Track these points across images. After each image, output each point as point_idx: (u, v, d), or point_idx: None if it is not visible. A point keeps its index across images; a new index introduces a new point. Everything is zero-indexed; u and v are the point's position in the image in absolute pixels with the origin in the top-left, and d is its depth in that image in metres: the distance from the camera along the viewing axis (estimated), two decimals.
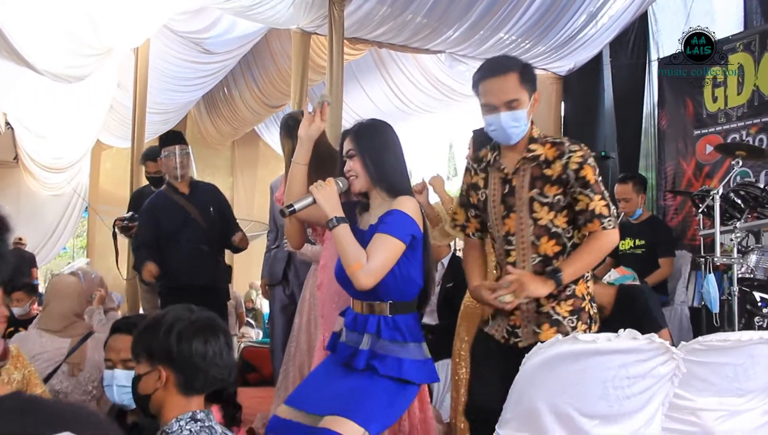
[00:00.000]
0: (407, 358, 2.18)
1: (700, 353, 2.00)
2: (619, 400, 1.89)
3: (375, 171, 2.29)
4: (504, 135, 2.29)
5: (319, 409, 2.15)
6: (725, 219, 4.14)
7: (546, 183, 2.29)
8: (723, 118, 5.87)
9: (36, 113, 7.40)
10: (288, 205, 2.30)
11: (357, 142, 2.31)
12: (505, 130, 2.26)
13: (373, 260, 2.13)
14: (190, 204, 4.05)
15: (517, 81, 2.24)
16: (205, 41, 7.11)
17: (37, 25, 5.09)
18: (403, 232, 2.17)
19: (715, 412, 2.06)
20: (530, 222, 2.30)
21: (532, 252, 2.33)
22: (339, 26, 5.78)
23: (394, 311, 2.23)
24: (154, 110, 7.57)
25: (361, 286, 2.15)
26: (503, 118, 2.24)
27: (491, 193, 2.40)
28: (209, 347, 1.74)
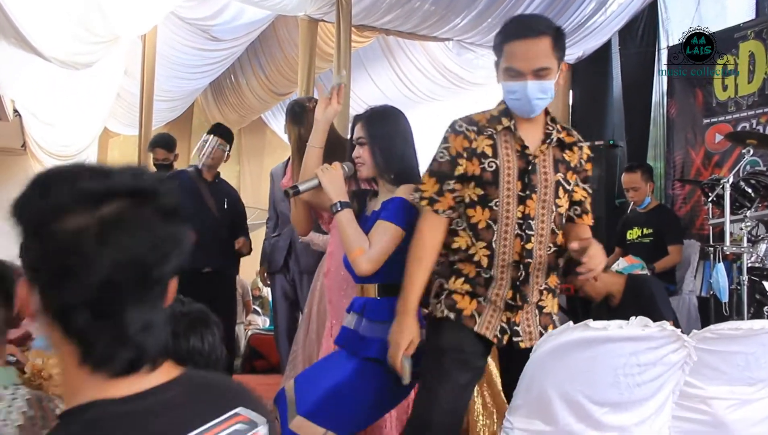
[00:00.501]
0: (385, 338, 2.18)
1: (711, 342, 1.99)
2: (629, 387, 1.89)
3: (382, 159, 2.30)
4: (527, 106, 2.02)
5: (299, 404, 2.18)
6: (735, 208, 4.12)
7: (568, 169, 2.12)
8: (733, 106, 5.83)
9: (43, 101, 7.40)
10: (293, 186, 2.32)
11: (367, 129, 2.32)
12: (530, 101, 1.99)
13: (374, 247, 2.17)
14: (209, 191, 4.14)
15: (549, 46, 1.97)
16: (212, 28, 7.08)
17: (45, 11, 5.08)
18: (404, 220, 2.19)
19: (726, 401, 2.06)
20: (553, 208, 2.08)
21: (550, 241, 2.10)
22: (346, 13, 5.76)
23: (383, 292, 2.24)
24: (161, 98, 7.56)
25: (361, 272, 2.19)
26: (530, 88, 1.97)
27: (504, 164, 2.04)
28: (205, 343, 1.71)
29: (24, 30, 5.00)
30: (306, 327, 3.60)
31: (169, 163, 4.67)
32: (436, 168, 2.09)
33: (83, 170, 0.88)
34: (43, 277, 0.85)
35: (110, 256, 0.83)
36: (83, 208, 0.84)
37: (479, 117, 2.10)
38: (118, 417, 0.85)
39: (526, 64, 1.97)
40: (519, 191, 2.04)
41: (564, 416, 1.91)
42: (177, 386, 0.91)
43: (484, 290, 2.08)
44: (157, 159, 4.83)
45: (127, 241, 0.84)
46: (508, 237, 2.06)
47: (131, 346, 0.86)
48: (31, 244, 0.86)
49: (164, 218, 0.87)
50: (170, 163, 4.66)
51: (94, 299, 0.83)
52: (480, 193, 2.05)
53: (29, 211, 0.86)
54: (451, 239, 2.10)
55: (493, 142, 2.06)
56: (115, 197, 0.85)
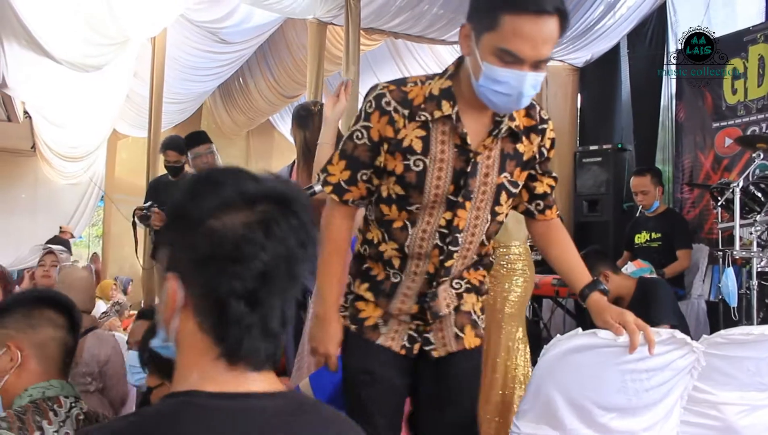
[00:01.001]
0: None
1: (721, 347, 1.98)
2: (637, 392, 1.88)
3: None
4: (511, 104, 1.58)
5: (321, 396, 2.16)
6: (745, 212, 4.10)
7: (518, 165, 1.73)
8: (743, 110, 5.80)
9: (54, 102, 7.45)
10: (308, 187, 2.32)
11: None
12: (521, 99, 1.56)
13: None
14: None
15: (557, 30, 1.51)
16: (221, 31, 7.11)
17: (55, 14, 5.12)
18: None
19: (736, 407, 2.04)
20: (489, 217, 1.73)
21: (475, 253, 1.79)
22: (355, 16, 5.77)
23: None
24: (170, 100, 7.59)
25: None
26: (528, 82, 1.52)
27: (435, 164, 1.65)
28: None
29: (35, 32, 5.03)
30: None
31: (180, 165, 4.69)
32: (349, 150, 1.71)
33: (243, 173, 0.97)
34: (210, 268, 0.91)
35: (272, 248, 0.92)
36: (247, 205, 0.92)
37: (414, 92, 1.66)
38: (205, 408, 0.89)
39: (532, 50, 1.49)
40: (449, 194, 1.67)
41: (571, 421, 1.90)
42: (275, 398, 0.95)
43: (386, 303, 1.78)
44: (169, 161, 4.84)
45: (285, 236, 0.93)
46: (424, 246, 1.71)
47: (272, 341, 0.94)
48: (199, 238, 0.92)
49: (304, 219, 0.96)
50: (181, 165, 4.68)
51: (252, 289, 0.91)
52: (399, 192, 1.69)
53: (199, 206, 0.93)
54: (365, 227, 1.83)
55: (426, 133, 1.64)
56: (270, 198, 0.94)
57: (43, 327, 1.58)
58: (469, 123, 1.65)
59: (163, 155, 4.86)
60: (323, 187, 1.75)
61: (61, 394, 1.55)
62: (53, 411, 1.49)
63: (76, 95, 7.22)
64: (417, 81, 1.69)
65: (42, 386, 1.53)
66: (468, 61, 1.61)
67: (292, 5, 5.90)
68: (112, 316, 6.38)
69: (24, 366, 1.54)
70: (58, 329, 1.60)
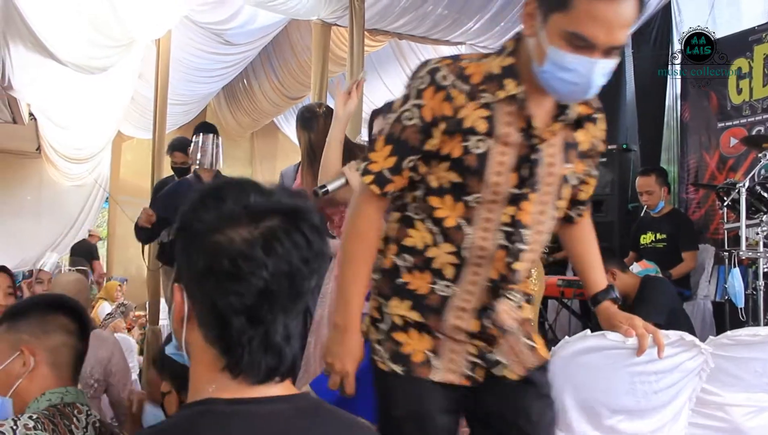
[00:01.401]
0: None
1: (728, 348, 1.98)
2: (646, 395, 1.88)
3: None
4: (580, 92, 1.41)
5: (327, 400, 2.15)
6: (751, 212, 4.09)
7: (578, 156, 1.57)
8: (748, 110, 5.79)
9: (59, 104, 7.47)
10: (321, 186, 2.30)
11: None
12: (590, 86, 1.39)
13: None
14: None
15: (635, 13, 1.35)
16: (226, 32, 7.12)
17: (60, 16, 5.13)
18: None
19: (743, 408, 2.04)
20: (553, 212, 1.56)
21: (538, 254, 1.61)
22: (359, 18, 5.77)
23: None
24: (175, 101, 7.60)
25: None
26: (598, 70, 1.36)
27: (498, 147, 1.45)
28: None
29: (40, 34, 5.05)
30: (317, 331, 3.61)
31: (186, 166, 4.69)
32: (396, 132, 1.50)
33: (250, 186, 0.95)
34: (210, 282, 0.91)
35: (272, 265, 0.90)
36: (251, 220, 0.91)
37: (471, 69, 1.47)
38: (220, 414, 0.90)
39: (607, 35, 1.33)
40: (512, 187, 1.47)
41: (580, 423, 1.90)
42: (289, 402, 0.95)
43: (438, 321, 1.51)
44: (176, 162, 4.85)
45: (288, 253, 0.91)
46: (487, 246, 1.48)
47: (274, 355, 0.93)
48: (200, 252, 0.92)
49: (314, 235, 0.94)
50: (188, 166, 4.68)
51: (252, 305, 0.90)
52: (455, 180, 1.47)
53: (202, 219, 0.93)
54: (402, 231, 1.55)
55: (490, 113, 1.44)
56: (276, 213, 0.93)
57: (56, 333, 1.59)
58: (533, 106, 1.46)
59: (170, 156, 4.86)
60: (362, 176, 1.54)
61: (77, 401, 1.56)
62: (75, 417, 1.51)
63: (81, 97, 7.24)
64: (472, 58, 1.50)
65: (59, 392, 1.54)
66: (530, 42, 1.42)
67: (297, 6, 5.90)
68: (117, 317, 6.39)
69: (36, 371, 1.55)
70: (70, 335, 1.61)
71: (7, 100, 7.04)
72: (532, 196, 1.48)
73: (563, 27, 1.34)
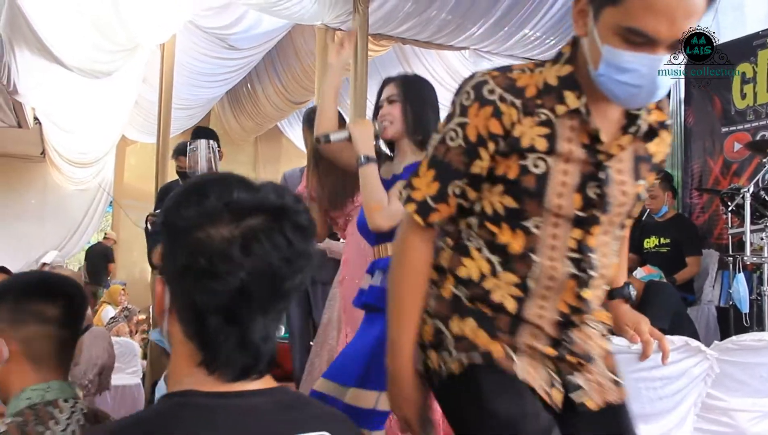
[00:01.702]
0: None
1: (733, 353, 1.98)
2: (651, 400, 1.88)
3: (413, 121, 2.25)
4: (645, 95, 1.23)
5: (346, 380, 2.17)
6: (755, 217, 4.09)
7: (651, 169, 1.38)
8: (752, 115, 5.78)
9: (63, 108, 7.48)
10: (324, 134, 2.30)
11: (403, 89, 2.28)
12: (655, 88, 1.22)
13: (393, 204, 2.13)
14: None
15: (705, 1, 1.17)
16: (230, 37, 7.14)
17: (65, 20, 5.15)
18: None
19: (748, 413, 2.04)
20: (619, 233, 1.38)
21: (605, 281, 1.40)
22: (363, 22, 5.78)
23: None
24: (179, 106, 7.62)
25: (376, 227, 2.16)
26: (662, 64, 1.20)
27: (558, 167, 1.27)
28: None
29: (45, 39, 5.06)
30: (324, 335, 3.60)
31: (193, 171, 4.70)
32: (440, 155, 1.33)
33: (235, 182, 0.94)
34: (187, 279, 0.91)
35: (251, 265, 0.89)
36: (232, 218, 0.90)
37: (523, 80, 1.29)
38: (203, 407, 0.90)
39: (670, 28, 1.15)
40: (577, 209, 1.29)
41: None
42: (269, 395, 0.95)
43: (510, 338, 1.32)
44: (181, 167, 4.85)
45: (267, 253, 0.90)
46: (556, 276, 1.30)
47: (250, 354, 0.93)
48: (179, 248, 0.92)
49: (299, 235, 0.93)
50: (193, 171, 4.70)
51: (228, 304, 0.90)
52: (511, 205, 1.30)
53: (181, 216, 0.92)
54: (456, 260, 1.37)
55: (551, 130, 1.27)
56: (260, 211, 0.91)
57: (28, 322, 1.40)
58: (598, 118, 1.28)
59: (175, 161, 4.87)
60: (404, 205, 1.37)
61: (61, 396, 1.41)
62: (53, 418, 1.38)
63: (85, 101, 7.26)
64: (524, 68, 1.33)
65: (41, 388, 1.40)
66: (585, 43, 1.26)
67: (301, 11, 5.92)
68: (121, 321, 6.40)
69: (13, 364, 1.40)
70: (45, 323, 1.41)
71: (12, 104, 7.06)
72: (603, 218, 1.30)
73: (618, 22, 1.16)
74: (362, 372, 2.13)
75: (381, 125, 2.26)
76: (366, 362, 2.14)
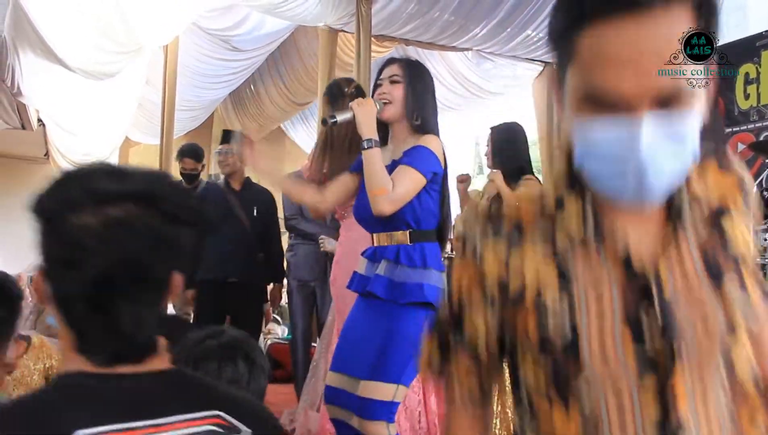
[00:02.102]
0: (427, 282, 2.13)
1: None
2: None
3: (413, 104, 2.24)
4: (634, 181, 0.81)
5: (356, 371, 2.17)
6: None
7: (737, 260, 0.88)
8: (755, 115, 5.77)
9: (67, 110, 7.51)
10: (330, 115, 2.30)
11: (406, 70, 2.27)
12: (643, 167, 0.80)
13: (397, 189, 2.13)
14: (238, 201, 4.13)
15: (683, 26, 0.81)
16: (233, 38, 7.15)
17: (69, 22, 5.17)
18: (427, 168, 2.16)
19: None
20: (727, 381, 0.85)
21: None
22: (366, 24, 5.79)
23: (414, 239, 2.19)
24: (182, 107, 7.64)
25: (379, 211, 2.14)
26: (646, 133, 0.78)
27: (588, 304, 0.85)
28: (222, 374, 1.60)
29: (49, 41, 5.08)
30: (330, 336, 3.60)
31: (196, 172, 4.73)
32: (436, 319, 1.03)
33: (100, 171, 0.93)
34: (51, 267, 0.92)
35: (108, 254, 0.88)
36: (92, 206, 0.89)
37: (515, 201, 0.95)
38: (90, 387, 0.90)
39: (640, 78, 0.78)
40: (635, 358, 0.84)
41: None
42: (158, 378, 0.94)
43: None
44: (186, 168, 4.87)
45: (127, 241, 0.89)
46: None
47: (120, 340, 0.92)
48: (44, 236, 0.92)
49: (167, 222, 0.92)
50: (197, 172, 4.72)
51: (89, 293, 0.89)
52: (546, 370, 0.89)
53: (45, 205, 0.92)
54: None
55: (559, 269, 0.88)
56: (124, 199, 0.90)
57: None
58: (628, 224, 0.87)
59: (179, 162, 4.89)
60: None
61: None
62: None
63: (89, 103, 7.28)
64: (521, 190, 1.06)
65: None
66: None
67: (304, 13, 5.93)
68: None
69: None
70: None
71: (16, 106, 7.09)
72: (678, 364, 0.83)
73: (579, 83, 0.82)
74: (374, 362, 2.13)
75: (381, 105, 2.24)
76: (376, 354, 2.14)
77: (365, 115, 2.19)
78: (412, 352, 2.02)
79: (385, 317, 2.15)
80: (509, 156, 3.44)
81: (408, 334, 2.09)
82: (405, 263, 2.16)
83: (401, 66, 2.28)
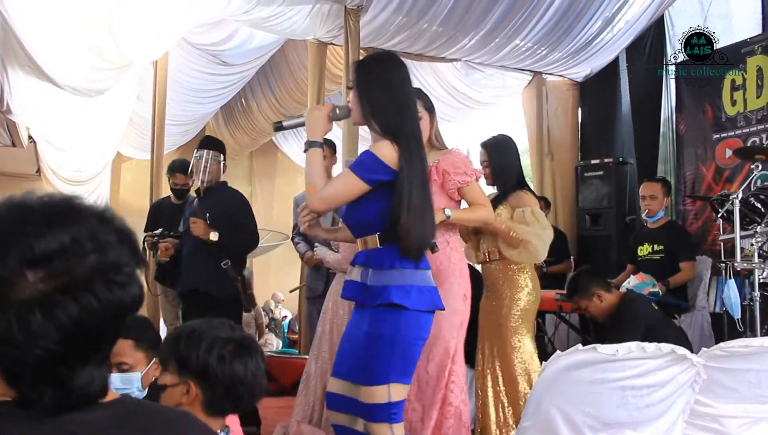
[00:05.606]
0: (394, 283, 2.18)
1: (721, 359, 1.98)
2: (638, 408, 1.88)
3: (366, 107, 2.30)
4: None
5: (354, 376, 2.23)
6: (745, 223, 4.10)
7: None
8: (742, 121, 5.82)
9: (57, 127, 7.50)
10: (277, 122, 2.51)
11: (355, 74, 2.37)
12: None
13: (327, 188, 2.26)
14: (199, 206, 3.97)
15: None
16: (222, 53, 7.17)
17: (58, 39, 5.17)
18: (366, 174, 2.22)
19: (738, 419, 2.04)
20: None
21: None
22: (355, 36, 5.81)
23: (384, 241, 2.25)
24: (173, 122, 7.65)
25: (312, 208, 2.34)
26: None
27: None
28: (248, 371, 1.68)
29: (38, 58, 5.09)
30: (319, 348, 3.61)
31: (187, 188, 4.73)
32: None
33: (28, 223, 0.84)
34: None
35: (56, 330, 0.81)
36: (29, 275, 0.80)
37: None
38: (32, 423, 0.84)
39: None
40: None
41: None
42: (106, 409, 0.89)
43: None
44: (176, 183, 4.86)
45: (75, 312, 0.81)
46: None
47: (72, 398, 0.85)
48: None
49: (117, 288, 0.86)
50: (188, 188, 4.72)
51: (36, 365, 0.82)
52: None
53: None
54: None
55: None
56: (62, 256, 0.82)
57: None
58: None
59: (170, 178, 4.88)
60: None
61: None
62: None
63: (79, 119, 7.27)
64: None
65: None
66: None
67: (292, 27, 5.95)
68: None
69: None
70: None
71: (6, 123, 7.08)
72: None
73: None
74: (362, 367, 2.18)
75: (344, 110, 2.37)
76: (365, 358, 2.18)
77: (312, 120, 2.35)
78: (393, 350, 2.10)
79: (365, 321, 2.20)
80: (509, 174, 3.48)
81: (383, 335, 2.14)
82: (374, 266, 2.23)
83: (353, 70, 2.40)
